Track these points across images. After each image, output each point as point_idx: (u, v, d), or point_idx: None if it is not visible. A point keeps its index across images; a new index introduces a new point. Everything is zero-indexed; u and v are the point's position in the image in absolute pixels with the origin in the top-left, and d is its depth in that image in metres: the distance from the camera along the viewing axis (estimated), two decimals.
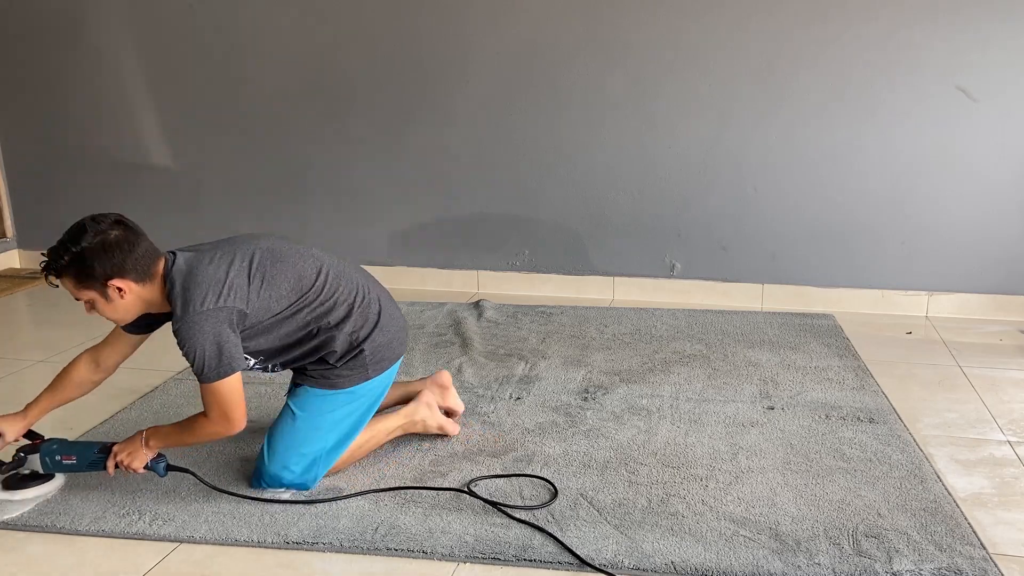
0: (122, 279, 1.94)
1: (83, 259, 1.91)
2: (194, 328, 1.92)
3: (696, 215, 3.79)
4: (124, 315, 2.02)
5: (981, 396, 2.79)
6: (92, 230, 1.94)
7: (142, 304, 2.01)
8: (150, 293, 2.00)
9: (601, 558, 1.87)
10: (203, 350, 1.92)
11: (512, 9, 3.73)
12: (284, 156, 4.13)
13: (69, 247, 1.93)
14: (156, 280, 2.00)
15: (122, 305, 1.98)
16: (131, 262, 1.95)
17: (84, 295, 1.97)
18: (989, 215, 3.54)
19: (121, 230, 1.97)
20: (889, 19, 3.43)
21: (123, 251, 1.94)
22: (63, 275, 1.94)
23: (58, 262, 1.93)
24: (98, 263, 1.92)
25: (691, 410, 2.65)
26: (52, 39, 4.20)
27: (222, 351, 1.94)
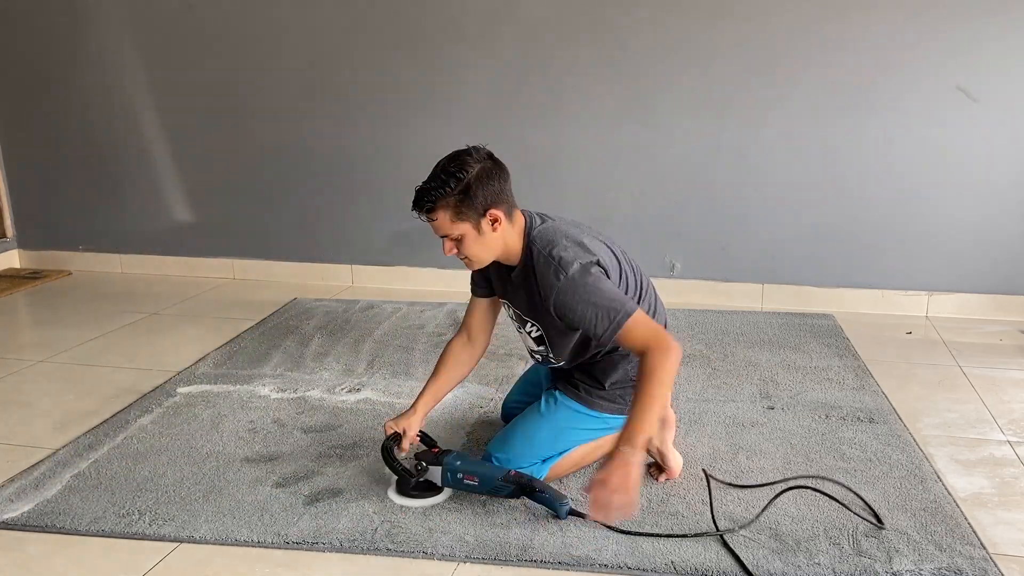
0: (498, 209, 1.90)
1: (469, 187, 1.86)
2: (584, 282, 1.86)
3: (696, 215, 3.79)
4: (488, 253, 1.96)
5: (981, 396, 2.79)
6: (475, 158, 1.90)
7: (502, 246, 1.96)
8: (512, 236, 1.96)
9: (601, 558, 1.87)
10: (598, 303, 1.85)
11: (512, 9, 3.73)
12: (284, 156, 4.13)
13: (456, 175, 1.86)
14: (517, 225, 1.97)
15: (491, 240, 1.92)
16: (505, 193, 1.93)
17: (457, 229, 1.90)
18: (989, 215, 3.54)
19: (493, 161, 1.94)
20: (889, 19, 3.43)
21: (500, 180, 1.92)
22: (440, 207, 1.87)
23: (442, 191, 1.85)
24: (481, 191, 1.87)
25: (691, 410, 2.65)
26: (52, 39, 4.20)
27: (614, 296, 1.86)
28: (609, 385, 2.10)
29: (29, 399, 2.85)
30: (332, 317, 3.62)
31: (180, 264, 4.37)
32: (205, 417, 2.63)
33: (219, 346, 3.26)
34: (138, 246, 4.41)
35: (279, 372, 2.99)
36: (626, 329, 1.85)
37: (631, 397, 1.90)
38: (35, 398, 2.85)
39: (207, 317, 3.70)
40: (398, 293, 4.00)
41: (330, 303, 3.84)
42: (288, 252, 4.26)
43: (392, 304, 3.78)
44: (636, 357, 1.90)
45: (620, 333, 1.85)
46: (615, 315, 1.84)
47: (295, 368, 3.03)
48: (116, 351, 3.26)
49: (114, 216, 4.38)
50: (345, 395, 2.77)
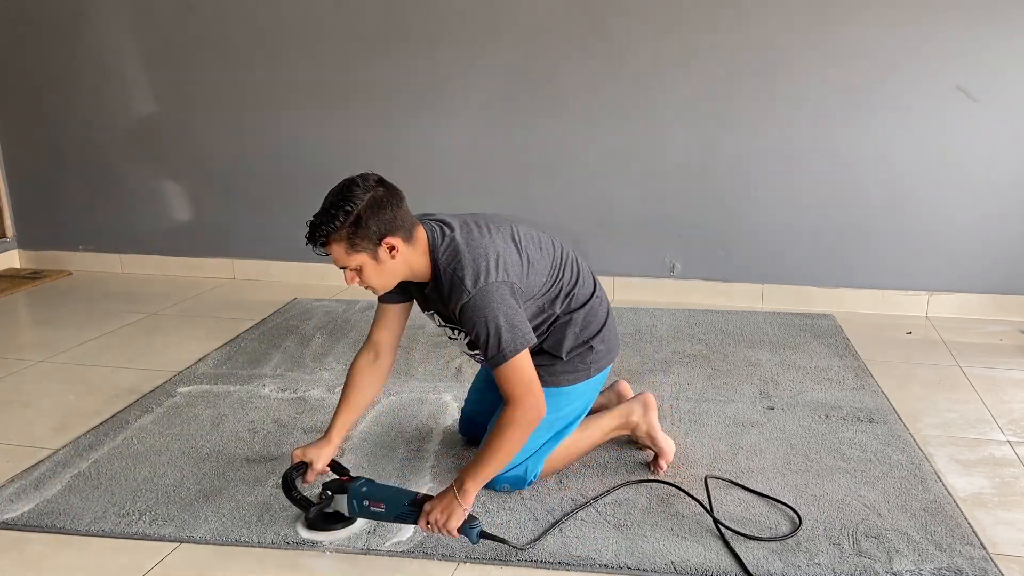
0: (394, 237, 1.87)
1: (358, 219, 1.82)
2: (489, 298, 1.85)
3: (696, 215, 3.79)
4: (390, 279, 1.93)
5: (981, 396, 2.79)
6: (362, 187, 1.86)
7: (406, 269, 1.93)
8: (415, 257, 1.92)
9: (601, 558, 1.87)
10: (496, 325, 1.84)
11: (513, 10, 3.73)
12: (285, 156, 4.13)
13: (344, 207, 1.82)
14: (420, 244, 1.93)
15: (391, 267, 1.89)
16: (399, 220, 1.88)
17: (354, 260, 1.87)
18: (989, 215, 3.54)
19: (385, 187, 1.90)
20: (889, 19, 3.42)
21: (392, 207, 1.87)
22: (333, 241, 1.85)
23: (331, 225, 1.83)
24: (373, 221, 1.83)
25: (691, 410, 2.65)
26: (52, 39, 4.20)
27: (515, 323, 1.87)
28: (566, 355, 2.11)
29: (29, 399, 2.84)
30: (332, 317, 3.62)
31: (180, 264, 4.37)
32: (205, 417, 2.63)
33: (219, 346, 3.26)
34: (138, 246, 4.41)
35: (279, 372, 2.99)
36: (509, 365, 1.86)
37: (591, 357, 2.06)
38: (35, 398, 2.85)
39: (207, 317, 3.70)
40: None
41: (330, 303, 3.84)
42: (288, 252, 4.25)
43: None
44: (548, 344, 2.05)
45: (503, 366, 1.86)
46: (506, 346, 1.85)
47: (295, 368, 3.03)
48: (116, 351, 3.26)
49: (114, 216, 4.38)
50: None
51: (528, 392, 1.87)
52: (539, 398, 1.89)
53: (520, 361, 1.87)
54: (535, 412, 1.89)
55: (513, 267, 1.93)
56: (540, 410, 1.89)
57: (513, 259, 1.95)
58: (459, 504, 1.83)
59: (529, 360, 1.89)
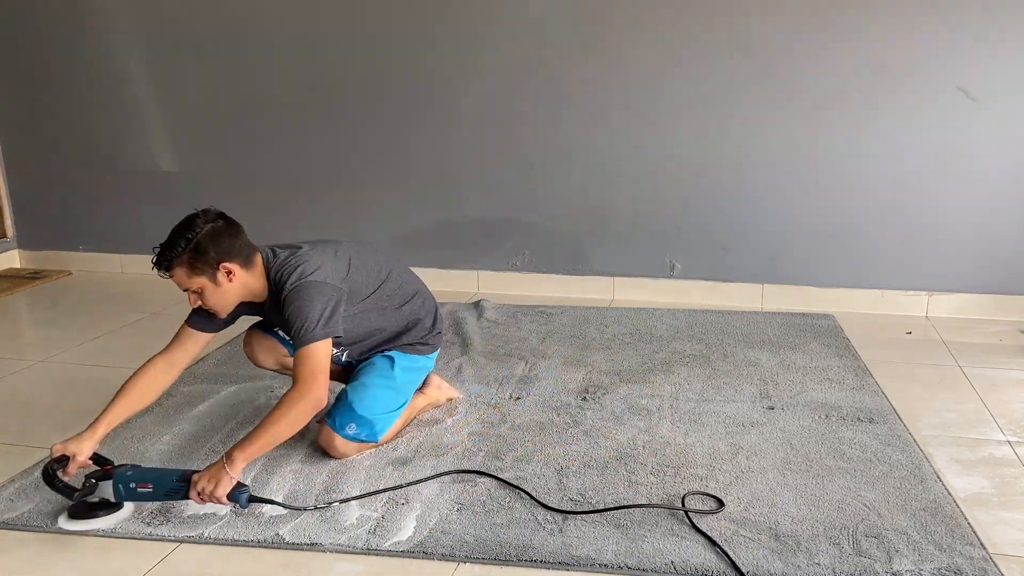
0: (231, 262, 2.11)
1: (198, 245, 2.07)
2: (310, 289, 2.11)
3: (696, 215, 3.79)
4: (229, 301, 2.17)
5: (981, 396, 2.79)
6: (202, 219, 2.12)
7: (244, 290, 2.17)
8: (252, 279, 2.17)
9: (601, 558, 1.87)
10: (319, 307, 2.09)
11: (513, 10, 3.73)
12: (284, 156, 4.13)
13: (185, 235, 2.08)
14: (256, 268, 2.19)
15: (229, 289, 2.14)
16: (237, 247, 2.13)
17: (195, 283, 2.10)
18: (989, 215, 3.54)
19: (225, 220, 2.16)
20: (889, 19, 3.43)
21: (230, 237, 2.13)
22: (177, 265, 2.08)
23: (175, 251, 2.07)
24: (212, 248, 2.08)
25: (691, 410, 2.65)
26: (53, 39, 4.20)
27: (334, 312, 2.11)
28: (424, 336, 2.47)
29: (29, 399, 2.85)
30: None
31: None
32: (206, 417, 2.63)
33: (220, 346, 3.26)
34: (138, 246, 4.39)
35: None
36: (308, 348, 2.06)
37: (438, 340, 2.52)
38: (35, 398, 2.85)
39: None
40: None
41: None
42: None
43: None
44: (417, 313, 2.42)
45: (301, 350, 2.06)
46: (309, 330, 2.07)
47: None
48: (116, 351, 3.26)
49: (114, 216, 4.38)
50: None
51: (314, 378, 2.04)
52: (322, 388, 2.06)
53: (318, 348, 2.07)
54: (314, 398, 2.04)
55: (334, 272, 2.19)
56: (320, 398, 2.06)
57: (335, 265, 2.21)
58: (226, 473, 1.96)
59: (327, 352, 2.09)
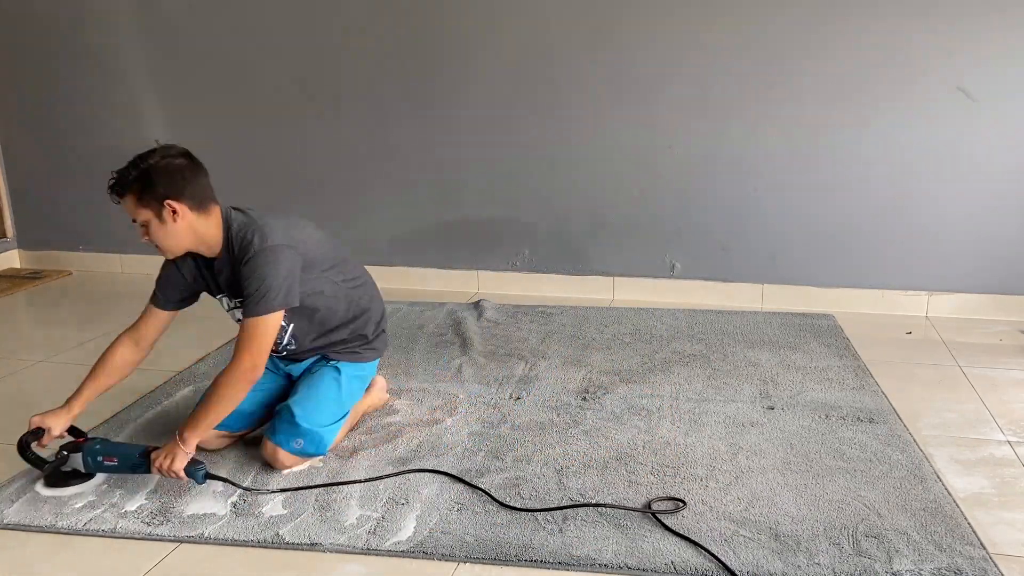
0: (178, 202, 2.06)
1: (147, 175, 2.04)
2: (276, 255, 2.07)
3: (696, 215, 3.79)
4: (176, 242, 2.12)
5: (981, 396, 2.79)
6: (160, 152, 2.08)
7: (193, 236, 2.12)
8: (204, 228, 2.12)
9: (601, 558, 1.87)
10: (279, 276, 2.06)
11: (513, 9, 3.73)
12: (285, 156, 4.14)
13: (138, 163, 2.05)
14: (212, 217, 2.13)
15: (174, 230, 2.09)
16: (190, 189, 2.07)
17: (141, 214, 2.08)
18: (989, 215, 3.54)
19: (186, 159, 2.10)
20: (889, 19, 3.42)
21: (184, 177, 2.07)
22: (127, 192, 2.06)
23: (126, 176, 2.05)
24: (160, 182, 2.04)
25: (691, 410, 2.65)
26: (53, 39, 4.20)
27: (292, 284, 2.09)
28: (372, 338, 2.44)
29: (29, 399, 2.85)
30: None
31: None
32: None
33: (219, 346, 3.26)
34: (138, 246, 4.34)
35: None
36: (261, 319, 2.06)
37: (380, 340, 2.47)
38: (35, 398, 2.85)
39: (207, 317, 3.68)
40: (398, 293, 3.99)
41: None
42: None
43: (392, 304, 3.77)
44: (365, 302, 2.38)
45: (253, 319, 2.06)
46: (268, 300, 2.06)
47: None
48: None
49: (114, 216, 4.35)
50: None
51: (258, 354, 2.07)
52: (261, 362, 2.08)
53: (269, 319, 2.07)
54: (254, 372, 2.07)
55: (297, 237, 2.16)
56: (257, 372, 2.08)
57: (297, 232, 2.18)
58: (181, 449, 2.05)
59: (276, 325, 2.10)
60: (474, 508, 2.08)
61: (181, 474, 2.05)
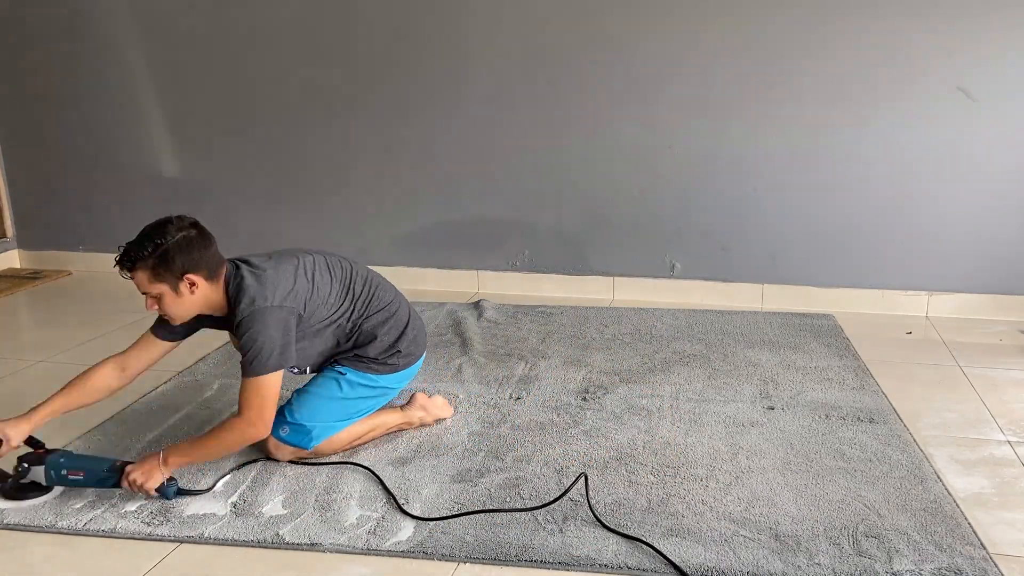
0: (196, 274, 2.07)
1: (166, 253, 2.02)
2: (264, 317, 2.06)
3: (696, 215, 3.79)
4: (187, 311, 2.13)
5: (981, 396, 2.79)
6: (176, 226, 2.06)
7: (204, 302, 2.13)
8: (214, 292, 2.12)
9: (601, 558, 1.87)
10: (269, 338, 2.05)
11: (512, 9, 3.73)
12: (285, 156, 4.13)
13: (155, 240, 2.02)
14: (220, 281, 2.13)
15: (189, 300, 2.10)
16: (205, 260, 2.08)
17: (155, 288, 2.06)
18: (989, 215, 3.54)
19: (198, 230, 2.10)
20: (889, 19, 3.42)
21: (200, 249, 2.08)
22: (139, 268, 2.04)
23: (141, 253, 2.02)
24: (179, 257, 2.03)
25: (691, 410, 2.65)
26: (53, 39, 4.20)
27: (285, 345, 2.08)
28: (377, 357, 2.34)
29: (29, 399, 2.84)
30: None
31: None
32: (204, 418, 2.62)
33: (219, 346, 3.26)
34: None
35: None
36: (255, 380, 2.05)
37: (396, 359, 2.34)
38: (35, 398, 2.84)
39: None
40: None
41: None
42: None
43: None
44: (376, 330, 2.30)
45: (250, 380, 2.05)
46: (258, 363, 2.04)
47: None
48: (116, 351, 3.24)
49: (114, 216, 4.38)
50: None
51: (258, 413, 2.06)
52: (264, 423, 2.08)
53: (265, 380, 2.05)
54: (253, 431, 2.08)
55: (293, 295, 2.13)
56: (260, 432, 2.09)
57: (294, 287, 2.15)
58: (159, 469, 2.05)
59: (275, 385, 2.08)
60: (474, 508, 2.07)
61: (152, 493, 2.05)
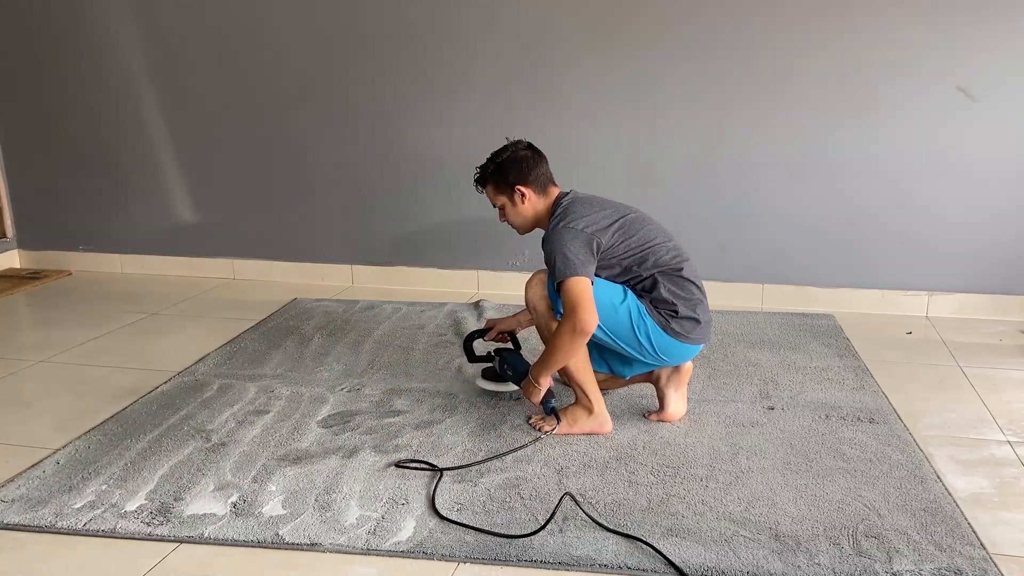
0: (525, 186, 2.46)
1: (500, 167, 2.47)
2: (562, 236, 2.34)
3: (696, 215, 3.79)
4: (523, 221, 2.53)
5: (981, 396, 2.79)
6: (509, 147, 2.50)
7: (534, 215, 2.51)
8: (543, 207, 2.50)
9: (601, 558, 1.87)
10: (563, 252, 2.30)
11: (512, 9, 3.73)
12: (285, 156, 4.14)
13: (493, 159, 2.49)
14: (549, 199, 2.50)
15: (522, 210, 2.49)
16: (533, 175, 2.47)
17: (499, 199, 2.50)
18: (989, 215, 3.54)
19: (530, 151, 2.50)
20: (889, 19, 3.43)
21: (528, 165, 2.47)
22: (488, 182, 2.50)
23: (485, 171, 2.50)
24: (511, 171, 2.46)
25: (691, 410, 2.65)
26: (52, 38, 4.20)
27: (576, 257, 2.30)
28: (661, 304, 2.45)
29: (29, 399, 2.85)
30: (332, 317, 3.62)
31: (180, 264, 4.37)
32: (204, 418, 2.63)
33: (219, 346, 3.26)
34: (138, 246, 4.41)
35: (279, 372, 3.00)
36: (567, 285, 2.28)
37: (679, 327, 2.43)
38: (35, 398, 2.85)
39: (207, 317, 3.70)
40: (398, 293, 4.00)
41: (330, 303, 3.84)
42: (288, 252, 4.26)
43: (392, 304, 3.78)
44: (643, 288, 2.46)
45: (563, 285, 2.28)
46: (565, 270, 2.28)
47: (295, 368, 3.03)
48: (116, 351, 3.26)
49: (114, 216, 4.38)
50: (345, 395, 2.77)
51: (571, 312, 2.27)
52: (582, 319, 2.25)
53: (573, 284, 2.27)
54: (577, 327, 2.26)
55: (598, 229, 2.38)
56: (582, 327, 2.26)
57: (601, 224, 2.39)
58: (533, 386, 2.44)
59: (584, 286, 2.28)
60: (474, 508, 2.08)
61: (538, 404, 2.47)
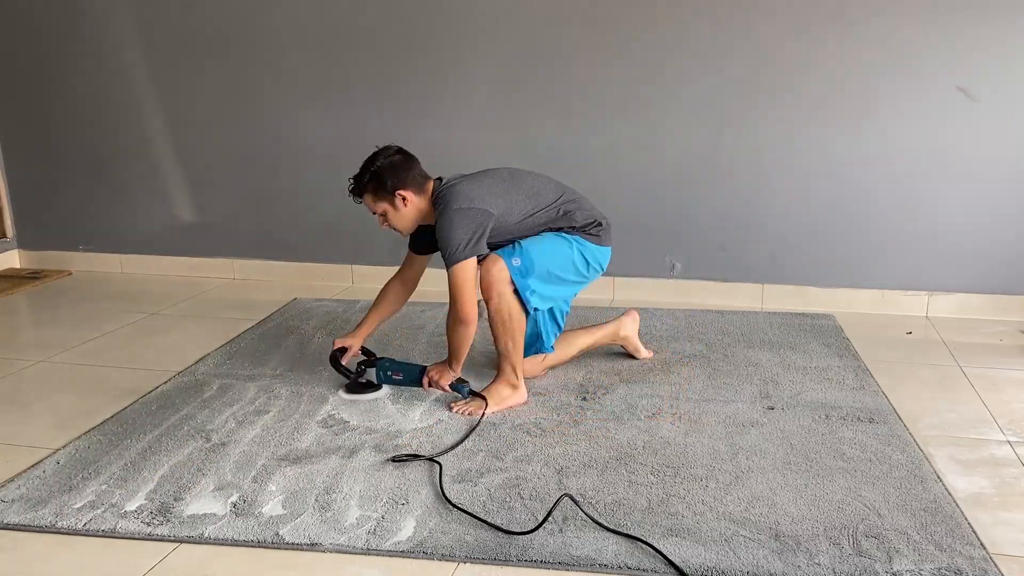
0: (405, 189, 2.55)
1: (377, 175, 2.54)
2: (451, 221, 2.46)
3: (696, 215, 3.79)
4: (407, 223, 2.62)
5: (981, 396, 2.79)
6: (382, 155, 2.58)
7: (418, 214, 2.60)
8: (424, 204, 2.60)
9: (601, 558, 1.87)
10: (447, 237, 2.46)
11: (514, 8, 3.73)
12: (285, 155, 4.14)
13: (368, 168, 2.56)
14: (427, 195, 2.60)
15: (405, 213, 2.58)
16: (409, 177, 2.57)
17: (379, 206, 2.58)
18: (989, 215, 3.54)
19: (401, 154, 2.60)
20: (889, 19, 3.43)
21: (404, 168, 2.57)
22: (364, 192, 2.57)
23: (361, 181, 2.57)
24: (389, 178, 2.54)
25: (691, 410, 2.65)
26: (52, 38, 4.20)
27: (461, 241, 2.45)
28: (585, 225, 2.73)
29: (29, 399, 2.85)
30: (332, 317, 3.62)
31: (180, 264, 4.37)
32: (204, 418, 2.63)
33: (219, 346, 3.26)
34: (138, 246, 4.41)
35: (279, 372, 3.00)
36: (450, 273, 2.48)
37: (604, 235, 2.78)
38: (35, 398, 2.85)
39: (207, 317, 3.70)
40: None
41: (330, 303, 3.84)
42: (288, 252, 4.26)
43: None
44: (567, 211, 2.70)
45: (448, 272, 2.48)
46: (449, 258, 2.47)
47: (295, 368, 3.03)
48: (116, 351, 3.26)
49: (114, 216, 4.38)
50: (345, 395, 2.77)
51: (453, 301, 2.51)
52: (467, 304, 2.50)
53: (456, 272, 2.48)
54: (461, 313, 2.52)
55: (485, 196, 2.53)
56: (465, 314, 2.52)
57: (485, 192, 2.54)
58: (448, 371, 2.66)
59: (465, 277, 2.48)
60: (474, 508, 2.07)
61: (446, 387, 2.64)
